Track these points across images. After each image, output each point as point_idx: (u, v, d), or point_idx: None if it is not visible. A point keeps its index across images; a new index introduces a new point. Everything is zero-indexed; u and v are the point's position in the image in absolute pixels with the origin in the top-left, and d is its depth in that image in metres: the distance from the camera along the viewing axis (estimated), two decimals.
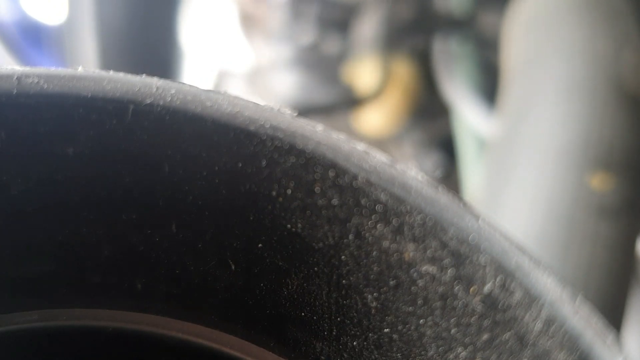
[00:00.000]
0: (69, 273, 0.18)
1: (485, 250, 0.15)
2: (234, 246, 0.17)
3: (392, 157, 0.16)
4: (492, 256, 0.15)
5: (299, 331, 0.18)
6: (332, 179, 0.15)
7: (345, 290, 0.17)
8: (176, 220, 0.17)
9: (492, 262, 0.15)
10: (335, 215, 0.16)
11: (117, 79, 0.16)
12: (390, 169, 0.15)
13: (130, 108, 0.15)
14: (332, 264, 0.16)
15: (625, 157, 0.43)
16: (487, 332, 0.16)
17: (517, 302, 0.15)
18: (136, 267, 0.18)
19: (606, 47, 0.48)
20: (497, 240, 0.15)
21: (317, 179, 0.15)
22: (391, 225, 0.15)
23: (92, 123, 0.16)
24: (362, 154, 0.15)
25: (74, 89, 0.15)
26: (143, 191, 0.17)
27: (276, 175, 0.16)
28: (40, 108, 0.15)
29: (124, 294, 0.18)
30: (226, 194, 0.16)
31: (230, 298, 0.18)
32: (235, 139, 0.15)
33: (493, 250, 0.15)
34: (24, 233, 0.17)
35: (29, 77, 0.15)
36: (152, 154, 0.16)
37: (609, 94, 0.45)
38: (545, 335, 0.15)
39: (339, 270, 0.16)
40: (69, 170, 0.16)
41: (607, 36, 0.49)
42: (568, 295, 0.15)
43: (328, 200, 0.16)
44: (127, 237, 0.17)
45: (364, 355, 0.18)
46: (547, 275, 0.15)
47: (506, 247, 0.15)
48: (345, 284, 0.17)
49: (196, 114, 0.15)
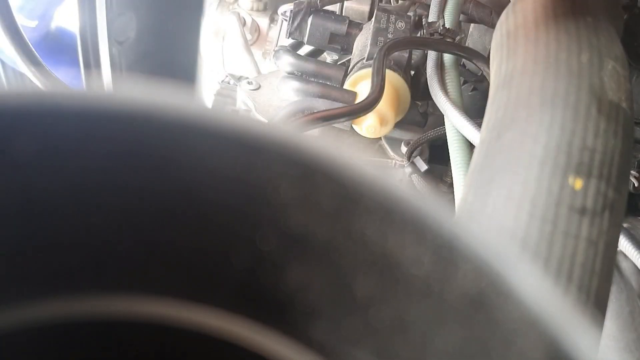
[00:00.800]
0: (89, 264, 0.19)
1: (466, 252, 0.15)
2: (236, 246, 0.19)
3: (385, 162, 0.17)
4: (474, 257, 0.15)
5: (302, 318, 0.20)
6: (326, 189, 0.17)
7: (338, 282, 0.18)
8: (180, 222, 0.19)
9: (472, 263, 0.15)
10: (330, 219, 0.17)
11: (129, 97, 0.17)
12: (379, 180, 0.16)
13: (144, 125, 0.17)
14: (327, 259, 0.18)
15: (606, 161, 0.45)
16: (468, 330, 0.16)
17: (498, 302, 0.15)
18: (151, 258, 0.20)
19: (589, 58, 0.49)
20: (480, 243, 0.15)
21: (314, 188, 0.17)
22: (378, 226, 0.17)
23: (108, 139, 0.17)
24: (355, 166, 0.16)
25: (93, 107, 0.17)
26: (154, 197, 0.19)
27: (276, 185, 0.17)
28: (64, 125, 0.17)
29: (139, 282, 0.20)
30: (229, 200, 0.18)
31: (236, 291, 0.20)
32: (240, 154, 0.17)
33: (476, 251, 0.15)
34: (52, 230, 0.18)
35: (54, 96, 0.17)
36: (162, 165, 0.18)
37: (592, 102, 0.46)
38: (526, 335, 0.15)
39: (333, 264, 0.18)
40: (91, 178, 0.18)
41: (590, 47, 0.50)
42: (550, 294, 0.15)
43: (322, 206, 0.17)
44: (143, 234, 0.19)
45: (361, 338, 0.19)
46: (528, 275, 0.15)
47: (488, 249, 0.15)
48: (338, 275, 0.18)
49: (205, 131, 0.17)
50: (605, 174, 0.44)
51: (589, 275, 0.42)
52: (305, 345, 0.21)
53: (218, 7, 1.24)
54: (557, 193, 0.43)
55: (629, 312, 0.74)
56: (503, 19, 0.60)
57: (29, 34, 0.69)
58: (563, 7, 0.54)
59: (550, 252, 0.41)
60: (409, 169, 0.87)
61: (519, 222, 0.43)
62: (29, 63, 0.66)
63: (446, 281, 0.16)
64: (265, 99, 0.90)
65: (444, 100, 0.76)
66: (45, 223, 0.18)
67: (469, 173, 0.51)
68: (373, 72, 0.73)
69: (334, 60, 1.03)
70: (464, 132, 0.71)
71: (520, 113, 0.48)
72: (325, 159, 0.16)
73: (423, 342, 0.18)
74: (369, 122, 0.84)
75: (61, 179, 0.18)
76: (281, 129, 0.17)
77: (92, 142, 0.17)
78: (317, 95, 0.84)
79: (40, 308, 0.20)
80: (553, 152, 0.44)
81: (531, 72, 0.50)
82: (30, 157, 0.17)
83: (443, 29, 0.84)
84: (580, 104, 0.46)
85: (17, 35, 0.66)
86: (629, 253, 0.64)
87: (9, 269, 0.19)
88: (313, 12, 0.91)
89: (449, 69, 0.82)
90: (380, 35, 0.86)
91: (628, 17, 0.83)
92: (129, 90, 0.17)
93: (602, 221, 0.43)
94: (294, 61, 0.88)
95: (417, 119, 0.92)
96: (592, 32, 0.51)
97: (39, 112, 0.16)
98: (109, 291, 0.21)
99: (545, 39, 0.52)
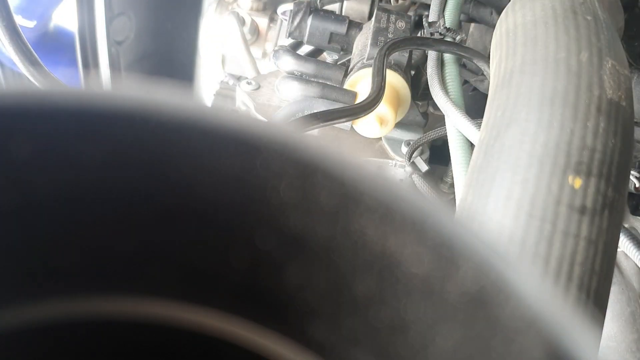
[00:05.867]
0: (88, 264, 0.20)
1: (466, 251, 0.15)
2: (235, 245, 0.19)
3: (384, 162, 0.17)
4: (473, 257, 0.15)
5: (301, 318, 0.20)
6: (325, 188, 0.16)
7: (338, 281, 0.18)
8: (179, 221, 0.19)
9: (472, 262, 0.15)
10: (327, 218, 0.17)
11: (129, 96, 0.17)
12: (379, 179, 0.16)
13: (143, 124, 0.17)
14: (327, 259, 0.18)
15: (606, 160, 0.44)
16: (468, 329, 0.16)
17: (498, 300, 0.15)
18: (150, 258, 0.20)
19: (589, 57, 0.49)
20: (480, 242, 0.15)
21: (313, 187, 0.17)
22: (378, 225, 0.17)
23: (109, 137, 0.17)
24: (354, 165, 0.16)
25: (93, 106, 0.17)
26: (152, 196, 0.18)
27: (275, 185, 0.17)
28: (63, 123, 0.17)
29: (138, 282, 0.20)
30: (229, 199, 0.18)
31: (235, 291, 0.20)
32: (238, 152, 0.17)
33: (476, 250, 0.15)
34: (52, 229, 0.18)
35: (53, 95, 0.17)
36: (161, 164, 0.18)
37: (591, 101, 0.46)
38: (526, 333, 0.15)
39: (332, 263, 0.18)
40: (90, 176, 0.18)
41: (589, 46, 0.50)
42: (550, 293, 0.15)
43: (322, 205, 0.17)
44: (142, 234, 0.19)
45: (360, 338, 0.19)
46: (528, 274, 0.15)
47: (488, 248, 0.15)
48: (337, 274, 0.18)
49: (204, 130, 0.17)
50: (605, 173, 0.44)
51: (588, 275, 0.42)
52: (305, 345, 0.21)
53: (217, 7, 1.24)
54: (557, 192, 0.43)
55: (630, 312, 0.74)
56: (503, 18, 0.60)
57: (27, 34, 0.69)
58: (562, 7, 0.54)
59: (550, 252, 0.41)
60: (409, 169, 0.87)
61: (519, 221, 0.43)
62: (28, 63, 0.66)
63: (446, 280, 0.16)
64: (265, 99, 0.90)
65: (444, 100, 0.76)
66: (43, 223, 0.18)
67: (468, 172, 0.51)
68: (373, 72, 0.73)
69: (334, 60, 1.03)
70: (464, 132, 0.71)
71: (520, 112, 0.48)
72: (325, 158, 0.16)
73: (423, 342, 0.18)
74: (369, 122, 0.84)
75: (59, 178, 0.18)
76: (280, 128, 0.17)
77: (90, 141, 0.17)
78: (316, 95, 0.84)
79: (40, 308, 0.20)
80: (552, 152, 0.44)
81: (531, 72, 0.50)
82: (28, 156, 0.17)
83: (443, 29, 0.84)
84: (580, 103, 0.46)
85: (15, 35, 0.65)
86: (630, 253, 0.64)
87: (8, 269, 0.19)
88: (313, 12, 0.91)
89: (450, 68, 0.82)
90: (380, 35, 0.86)
91: (628, 17, 0.83)
92: (127, 89, 0.17)
93: (602, 220, 0.43)
94: (294, 61, 0.88)
95: (418, 119, 0.92)
96: (591, 31, 0.51)
97: (36, 111, 0.16)
98: (108, 291, 0.21)
99: (544, 38, 0.52)
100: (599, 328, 0.46)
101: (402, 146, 0.90)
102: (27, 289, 0.20)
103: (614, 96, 0.48)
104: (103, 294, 0.21)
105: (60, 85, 0.17)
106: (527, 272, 0.15)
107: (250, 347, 0.21)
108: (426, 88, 0.84)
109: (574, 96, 0.46)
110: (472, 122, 0.70)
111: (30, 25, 1.30)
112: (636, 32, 0.89)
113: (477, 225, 0.16)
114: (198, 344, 0.21)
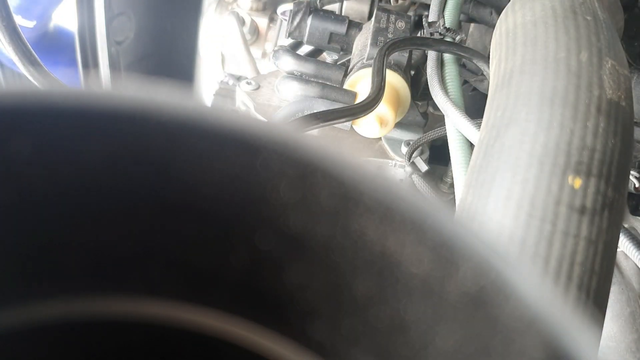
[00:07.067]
0: (88, 264, 0.20)
1: (465, 251, 0.15)
2: (235, 245, 0.19)
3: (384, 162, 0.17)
4: (472, 257, 0.15)
5: (301, 318, 0.20)
6: (325, 188, 0.16)
7: (338, 281, 0.18)
8: (178, 221, 0.19)
9: (472, 262, 0.15)
10: (327, 217, 0.17)
11: (129, 96, 0.17)
12: (379, 179, 0.16)
13: (143, 124, 0.17)
14: (326, 259, 0.18)
15: (606, 160, 0.44)
16: (468, 329, 0.16)
17: (498, 300, 0.15)
18: (150, 258, 0.20)
19: (588, 57, 0.49)
20: (480, 242, 0.15)
21: (313, 187, 0.17)
22: (378, 225, 0.17)
23: (109, 138, 0.17)
24: (354, 165, 0.16)
25: (93, 106, 0.17)
26: (152, 196, 0.18)
27: (275, 185, 0.17)
28: (63, 123, 0.17)
29: (137, 281, 0.20)
30: (229, 199, 0.18)
31: (235, 291, 0.20)
32: (238, 152, 0.17)
33: (475, 250, 0.15)
34: (52, 229, 0.18)
35: (52, 95, 0.17)
36: (160, 164, 0.18)
37: (591, 101, 0.46)
38: (526, 333, 0.15)
39: (332, 263, 0.18)
40: (90, 177, 0.18)
41: (589, 45, 0.50)
42: (550, 293, 0.15)
43: (321, 205, 0.17)
44: (141, 233, 0.19)
45: (360, 338, 0.19)
46: (528, 274, 0.15)
47: (488, 248, 0.15)
48: (337, 274, 0.18)
49: (204, 129, 0.17)
50: (605, 173, 0.44)
51: (588, 275, 0.42)
52: (305, 345, 0.21)
53: (217, 7, 1.24)
54: (557, 192, 0.43)
55: (630, 313, 0.74)
56: (502, 18, 0.60)
57: (27, 34, 0.69)
58: (562, 7, 0.54)
59: (549, 252, 0.41)
60: (409, 169, 0.87)
61: (519, 221, 0.43)
62: (27, 63, 0.66)
63: (446, 280, 0.16)
64: (265, 99, 0.90)
65: (444, 100, 0.76)
66: (43, 223, 0.18)
67: (468, 172, 0.51)
68: (373, 72, 0.73)
69: (333, 60, 1.03)
70: (464, 132, 0.71)
71: (520, 112, 0.48)
72: (325, 158, 0.16)
73: (423, 342, 0.18)
74: (369, 122, 0.84)
75: (59, 178, 0.18)
76: (280, 128, 0.17)
77: (89, 142, 0.17)
78: (316, 95, 0.84)
79: (40, 308, 0.20)
80: (552, 152, 0.44)
81: (530, 71, 0.50)
82: (27, 156, 0.17)
83: (443, 29, 0.84)
84: (580, 103, 0.46)
85: (15, 35, 0.65)
86: (630, 253, 0.64)
87: (8, 269, 0.19)
88: (312, 12, 0.91)
89: (449, 68, 0.82)
90: (380, 35, 0.86)
91: (628, 17, 0.83)
92: (127, 89, 0.17)
93: (602, 220, 0.43)
94: (294, 61, 0.88)
95: (417, 119, 0.92)
96: (591, 31, 0.51)
97: (36, 111, 0.16)
98: (108, 291, 0.21)
99: (544, 38, 0.52)
100: (598, 328, 0.46)
101: (402, 146, 0.90)
102: (27, 289, 0.20)
103: (614, 96, 0.48)
104: (103, 293, 0.21)
105: (60, 85, 0.17)
106: (527, 272, 0.15)
107: (250, 347, 0.21)
108: (426, 88, 0.84)
109: (573, 96, 0.46)
110: (471, 122, 0.70)
111: (30, 25, 1.30)
112: (636, 32, 0.89)
113: (477, 225, 0.16)
114: (198, 344, 0.21)
